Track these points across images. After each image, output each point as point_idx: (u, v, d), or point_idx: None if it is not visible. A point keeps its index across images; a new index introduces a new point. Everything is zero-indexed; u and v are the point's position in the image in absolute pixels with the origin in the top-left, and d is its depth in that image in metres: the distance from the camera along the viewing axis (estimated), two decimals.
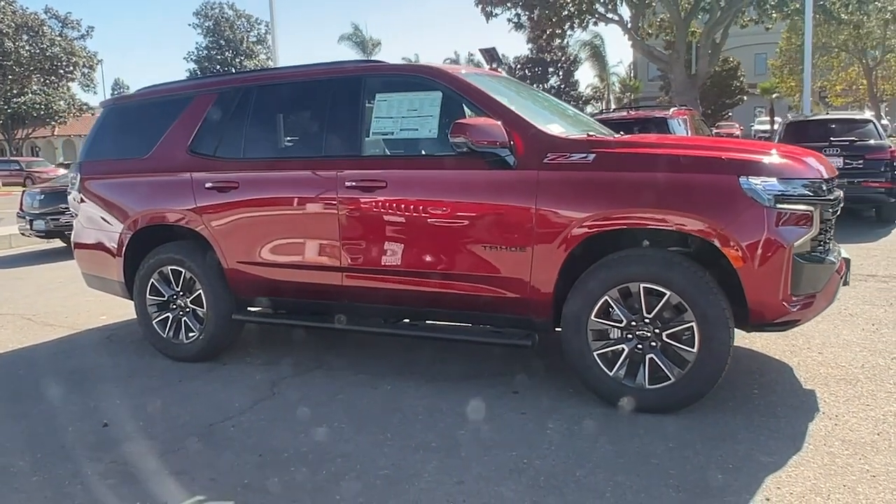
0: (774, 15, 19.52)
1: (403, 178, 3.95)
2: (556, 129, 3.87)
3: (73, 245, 5.33)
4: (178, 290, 4.73)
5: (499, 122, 3.64)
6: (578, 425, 3.45)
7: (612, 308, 3.54)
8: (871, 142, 9.69)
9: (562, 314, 3.66)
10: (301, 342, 5.02)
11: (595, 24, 20.60)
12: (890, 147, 9.50)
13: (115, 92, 68.34)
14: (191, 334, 4.71)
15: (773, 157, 3.46)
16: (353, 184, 4.02)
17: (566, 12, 18.57)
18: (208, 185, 4.48)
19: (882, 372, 4.00)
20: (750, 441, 3.20)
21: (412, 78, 4.14)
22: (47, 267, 9.69)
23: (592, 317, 3.57)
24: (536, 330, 3.81)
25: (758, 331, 3.70)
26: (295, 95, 4.49)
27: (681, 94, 18.60)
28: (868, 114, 11.52)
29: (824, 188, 3.48)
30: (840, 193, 3.70)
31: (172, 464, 3.24)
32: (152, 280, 4.77)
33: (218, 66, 46.09)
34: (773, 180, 3.33)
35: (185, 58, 48.68)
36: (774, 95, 39.49)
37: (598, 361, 3.58)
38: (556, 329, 3.82)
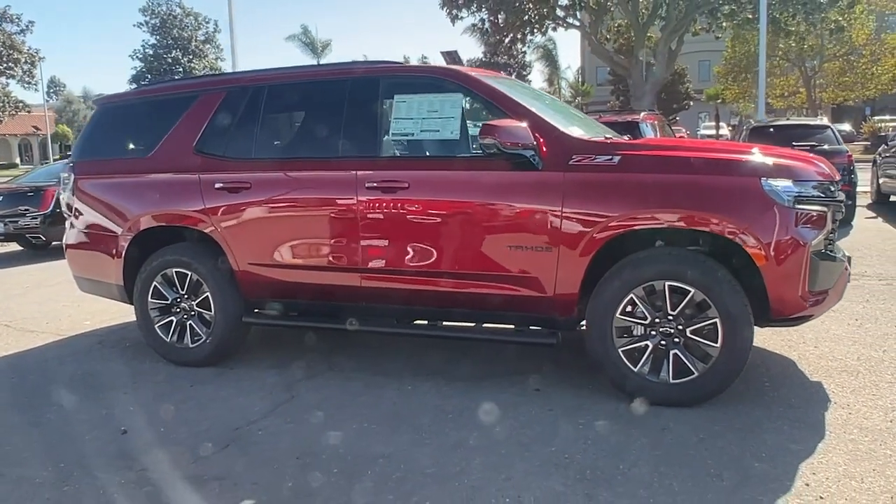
0: (725, 24, 20.22)
1: (427, 179, 3.97)
2: (576, 131, 3.95)
3: (64, 248, 5.15)
4: (184, 293, 4.62)
5: (525, 125, 3.70)
6: (608, 420, 3.53)
7: (637, 305, 3.64)
8: (828, 147, 10.14)
9: (587, 312, 3.74)
10: (306, 344, 4.96)
11: (554, 29, 21.01)
12: (847, 152, 9.97)
13: (52, 90, 65.59)
14: (196, 338, 4.61)
15: (788, 160, 3.62)
16: (374, 184, 4.01)
17: (526, 17, 18.84)
18: (218, 185, 4.40)
19: (878, 364, 4.22)
20: (775, 431, 3.34)
21: (432, 80, 4.16)
22: (9, 272, 9.28)
23: (618, 314, 3.66)
24: (558, 328, 3.88)
25: (772, 326, 3.84)
26: (308, 95, 4.46)
27: (639, 99, 19.08)
28: (825, 120, 12.10)
29: (832, 189, 3.66)
30: (843, 196, 3.89)
31: (208, 470, 3.18)
32: (155, 283, 4.65)
33: (166, 66, 44.87)
34: (789, 182, 3.49)
35: (130, 56, 47.23)
36: (719, 101, 40.86)
37: (623, 358, 3.67)
38: (577, 327, 3.92)
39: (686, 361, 3.59)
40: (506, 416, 3.66)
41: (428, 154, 4.17)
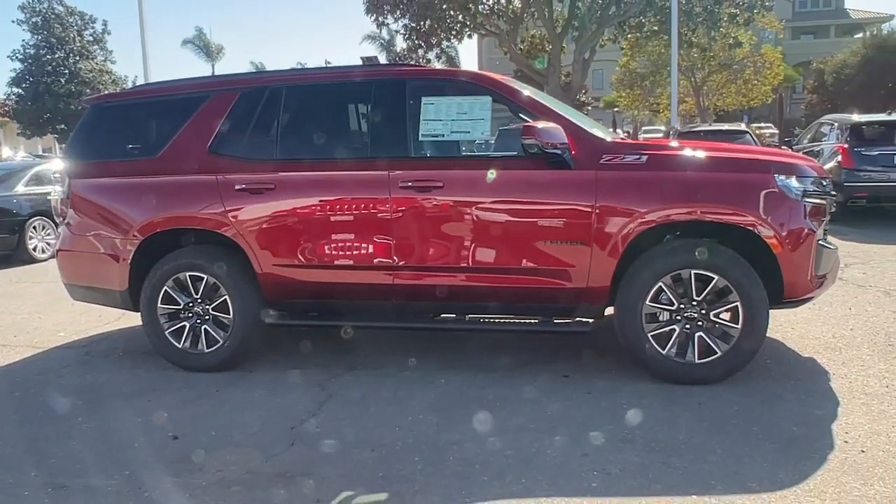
0: (630, 36, 21.48)
1: (462, 178, 4.12)
2: (599, 133, 4.23)
3: (56, 253, 4.89)
4: (198, 297, 4.52)
5: (559, 126, 3.94)
6: (646, 399, 3.81)
7: (664, 293, 3.95)
8: None
9: (617, 300, 4.02)
10: (318, 345, 4.96)
11: (470, 36, 21.53)
12: None
13: None
14: (213, 343, 4.52)
15: (792, 159, 4.06)
16: (410, 184, 4.12)
17: (445, 24, 19.25)
18: (239, 187, 4.36)
19: (851, 340, 4.76)
20: (796, 400, 3.73)
21: (459, 83, 4.32)
22: None
23: (647, 302, 3.96)
24: (588, 317, 4.14)
25: (781, 308, 4.24)
26: (331, 97, 4.49)
27: None
28: (743, 125, 13.16)
29: (825, 184, 4.13)
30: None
31: (286, 466, 3.20)
32: (166, 287, 4.52)
33: (50, 68, 41.93)
34: (795, 178, 3.91)
35: (10, 56, 43.76)
36: (616, 109, 42.98)
37: (653, 342, 3.98)
38: (603, 315, 4.20)
39: (710, 342, 3.93)
40: (550, 400, 3.87)
41: (461, 154, 4.31)
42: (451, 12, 18.57)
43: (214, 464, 3.24)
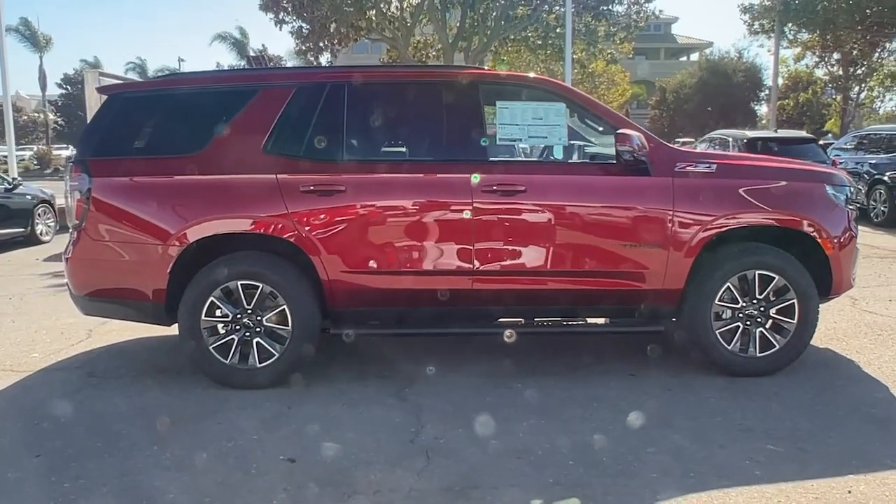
0: (510, 48, 22.36)
1: (544, 183, 4.16)
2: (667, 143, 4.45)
3: (68, 262, 4.26)
4: (248, 307, 4.16)
5: (640, 134, 4.10)
6: (726, 393, 4.06)
7: (730, 292, 4.24)
8: None
9: (689, 301, 4.24)
10: (349, 355, 4.76)
11: (355, 40, 21.28)
12: None
13: None
14: (266, 357, 4.18)
15: (832, 170, 4.52)
16: (494, 187, 4.09)
17: (347, 27, 18.95)
18: (304, 188, 4.08)
19: (846, 331, 5.34)
20: (851, 385, 4.18)
21: (533, 89, 4.36)
22: None
23: (716, 301, 4.23)
24: (661, 317, 4.34)
25: (823, 302, 4.66)
26: (399, 97, 4.32)
27: None
28: None
29: (852, 192, 4.63)
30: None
31: (444, 481, 3.07)
32: (212, 298, 4.13)
33: None
34: (837, 187, 4.37)
35: None
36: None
37: (720, 339, 4.25)
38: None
39: (769, 337, 4.28)
40: (638, 399, 3.99)
41: (542, 158, 4.34)
42: (347, 16, 18.31)
43: (363, 485, 3.04)
